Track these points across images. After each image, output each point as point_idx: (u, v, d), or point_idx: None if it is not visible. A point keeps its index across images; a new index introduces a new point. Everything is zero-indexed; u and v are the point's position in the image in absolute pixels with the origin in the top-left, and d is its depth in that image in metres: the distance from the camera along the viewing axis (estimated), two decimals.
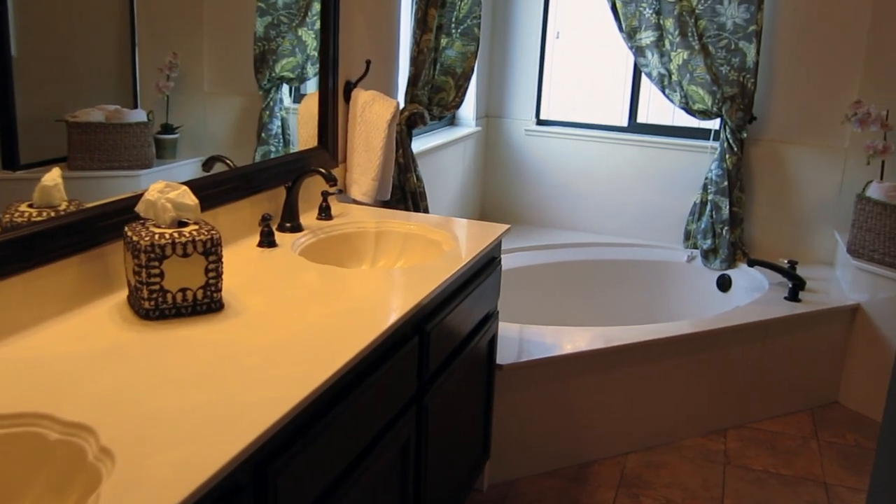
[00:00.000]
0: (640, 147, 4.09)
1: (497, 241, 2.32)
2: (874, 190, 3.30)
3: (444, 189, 3.87)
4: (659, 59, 3.82)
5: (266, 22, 2.33)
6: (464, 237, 2.29)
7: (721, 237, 3.83)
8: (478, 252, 2.14)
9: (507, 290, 3.74)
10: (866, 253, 3.31)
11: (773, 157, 3.86)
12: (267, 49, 2.34)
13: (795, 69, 3.76)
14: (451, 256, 2.09)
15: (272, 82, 2.37)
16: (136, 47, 1.80)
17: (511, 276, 3.80)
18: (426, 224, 2.37)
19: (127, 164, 1.82)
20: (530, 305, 3.90)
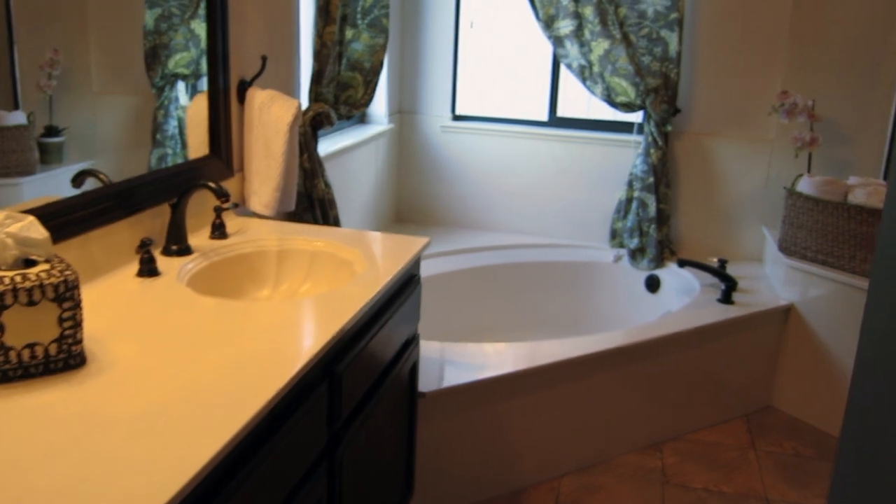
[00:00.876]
0: (561, 142, 3.91)
1: (416, 257, 2.07)
2: (805, 184, 3.18)
3: (356, 193, 3.60)
4: (578, 49, 3.64)
5: (156, 14, 2.05)
6: (379, 254, 2.04)
7: (648, 236, 3.68)
8: (395, 273, 1.89)
9: (425, 301, 3.51)
10: (798, 251, 3.20)
11: (699, 151, 3.73)
12: (158, 43, 2.05)
13: (719, 58, 3.63)
14: (364, 280, 1.84)
15: (166, 79, 2.09)
16: (13, 44, 1.59)
17: (429, 285, 3.57)
18: (336, 240, 2.11)
19: (6, 172, 1.61)
20: (451, 316, 3.68)
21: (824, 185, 3.08)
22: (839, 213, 3.02)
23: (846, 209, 3.00)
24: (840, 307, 3.05)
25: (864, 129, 3.49)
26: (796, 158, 3.42)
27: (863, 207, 2.95)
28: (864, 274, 2.98)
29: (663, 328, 2.93)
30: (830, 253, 3.08)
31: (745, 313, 3.09)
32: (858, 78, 3.46)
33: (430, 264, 3.64)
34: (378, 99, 3.86)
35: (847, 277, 3.00)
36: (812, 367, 3.19)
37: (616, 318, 3.80)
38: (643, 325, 3.00)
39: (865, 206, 2.94)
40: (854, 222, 2.98)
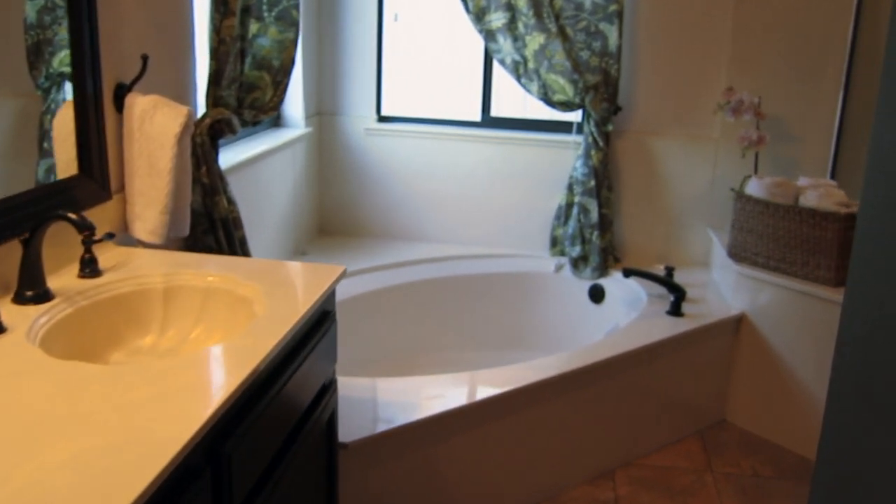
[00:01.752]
0: (496, 144, 3.62)
1: (329, 290, 1.76)
2: (753, 186, 2.95)
3: (270, 206, 3.26)
4: (512, 44, 3.35)
5: (38, 5, 1.72)
6: (284, 290, 1.71)
7: (590, 243, 3.42)
8: (302, 313, 1.58)
9: (352, 324, 3.21)
10: (749, 256, 2.97)
11: (642, 151, 3.49)
12: (42, 39, 1.73)
13: (661, 53, 3.38)
14: (264, 325, 1.52)
15: (51, 80, 1.76)
16: None
17: (356, 306, 3.25)
18: (234, 272, 1.77)
19: None
20: (381, 339, 3.37)
21: (774, 187, 2.86)
22: (790, 217, 2.80)
23: (798, 212, 2.78)
24: (793, 315, 2.83)
25: (811, 127, 3.29)
26: (743, 158, 3.19)
27: (815, 210, 2.73)
28: (817, 280, 2.77)
29: (611, 348, 2.66)
30: (782, 259, 2.85)
31: (696, 326, 2.85)
32: (804, 74, 3.25)
33: (357, 282, 3.32)
34: (293, 100, 3.52)
35: (800, 284, 2.79)
36: (765, 379, 2.97)
37: (560, 331, 3.54)
38: (589, 345, 2.73)
39: (818, 210, 2.72)
40: (807, 226, 2.76)
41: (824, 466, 1.37)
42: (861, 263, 1.27)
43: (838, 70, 3.21)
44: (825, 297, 2.70)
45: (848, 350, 1.33)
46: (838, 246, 2.69)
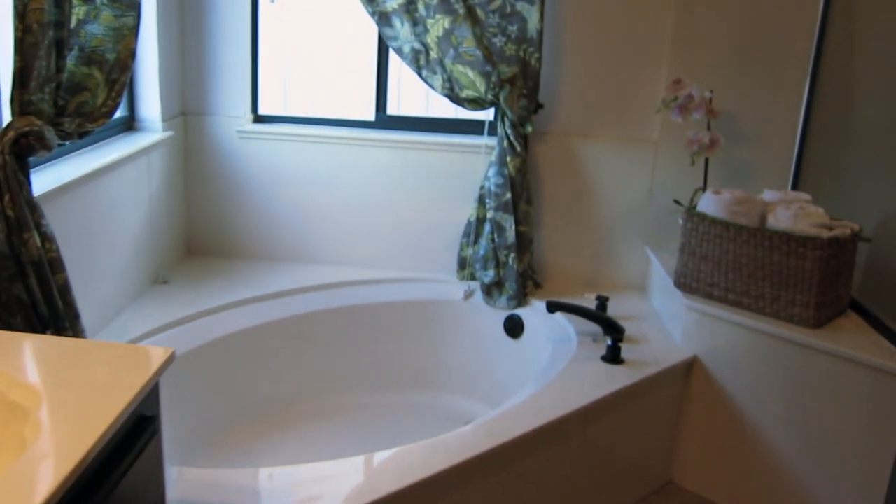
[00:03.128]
0: (393, 148, 2.91)
1: (149, 386, 1.04)
2: (709, 203, 2.33)
3: (120, 228, 2.47)
4: (411, 29, 2.65)
5: None
6: (79, 390, 1.00)
7: (506, 267, 2.76)
8: (98, 436, 0.88)
9: (217, 371, 2.47)
10: (702, 288, 2.35)
11: (567, 156, 2.84)
12: None
13: (590, 39, 2.73)
14: (34, 462, 0.81)
15: None
16: None
17: (225, 349, 2.51)
18: (12, 360, 1.03)
19: None
20: (254, 386, 2.63)
21: (735, 204, 2.24)
22: (757, 242, 2.19)
23: (768, 237, 2.17)
24: (758, 361, 2.23)
25: (770, 127, 2.70)
26: (693, 166, 2.58)
27: (790, 235, 2.12)
28: (791, 320, 2.17)
29: (539, 414, 1.99)
30: (746, 292, 2.25)
31: (640, 378, 2.21)
32: (762, 61, 2.65)
33: (229, 318, 2.58)
34: (148, 98, 2.75)
35: (769, 324, 2.18)
36: (720, 435, 2.37)
37: (471, 369, 2.87)
38: (513, 409, 2.05)
39: (794, 234, 2.12)
40: (779, 254, 2.16)
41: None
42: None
43: (804, 56, 2.63)
44: (801, 342, 2.10)
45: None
46: (819, 278, 2.09)
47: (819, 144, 2.63)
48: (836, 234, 2.09)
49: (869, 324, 2.21)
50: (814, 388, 2.11)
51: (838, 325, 2.19)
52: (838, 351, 2.03)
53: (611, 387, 2.14)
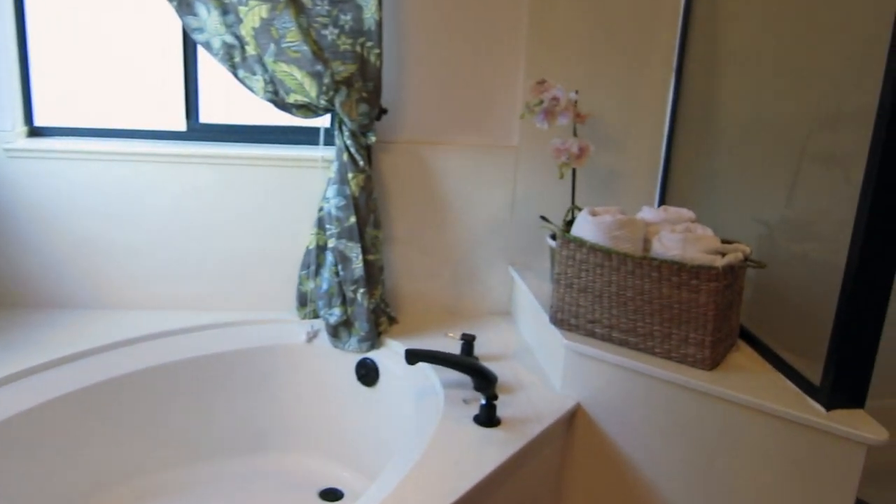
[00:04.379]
0: (210, 164, 2.40)
1: None
2: (585, 225, 1.97)
3: None
4: (220, 18, 2.15)
5: None
6: None
7: (355, 303, 2.32)
8: None
9: None
10: (582, 325, 2.00)
11: (418, 168, 2.42)
12: None
13: (440, 32, 2.32)
14: None
15: None
16: None
17: None
18: None
19: None
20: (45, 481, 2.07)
21: (616, 228, 1.89)
22: (644, 273, 1.86)
23: (656, 267, 1.83)
24: (649, 410, 1.90)
25: (635, 129, 2.39)
26: (562, 179, 2.22)
27: (680, 264, 1.80)
28: (685, 361, 1.85)
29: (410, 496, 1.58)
30: (632, 330, 1.91)
31: (522, 445, 1.83)
32: (623, 59, 2.33)
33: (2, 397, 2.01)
34: None
35: (660, 367, 1.86)
36: (609, 496, 2.04)
37: (320, 426, 2.42)
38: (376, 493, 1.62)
39: (684, 263, 1.79)
40: (668, 286, 1.83)
41: None
42: None
43: (668, 49, 2.33)
44: (698, 388, 1.79)
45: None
46: (715, 313, 1.78)
47: (686, 147, 2.35)
48: (730, 261, 1.78)
49: (759, 354, 1.94)
50: (714, 438, 1.80)
51: (734, 364, 1.89)
52: (740, 399, 1.73)
53: (490, 461, 1.75)
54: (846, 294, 1.58)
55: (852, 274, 1.56)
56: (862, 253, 1.53)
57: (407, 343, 2.31)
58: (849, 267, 1.57)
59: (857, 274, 1.55)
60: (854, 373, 1.65)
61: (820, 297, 1.88)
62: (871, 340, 1.61)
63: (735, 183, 2.20)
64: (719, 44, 2.29)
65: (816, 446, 1.64)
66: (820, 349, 1.75)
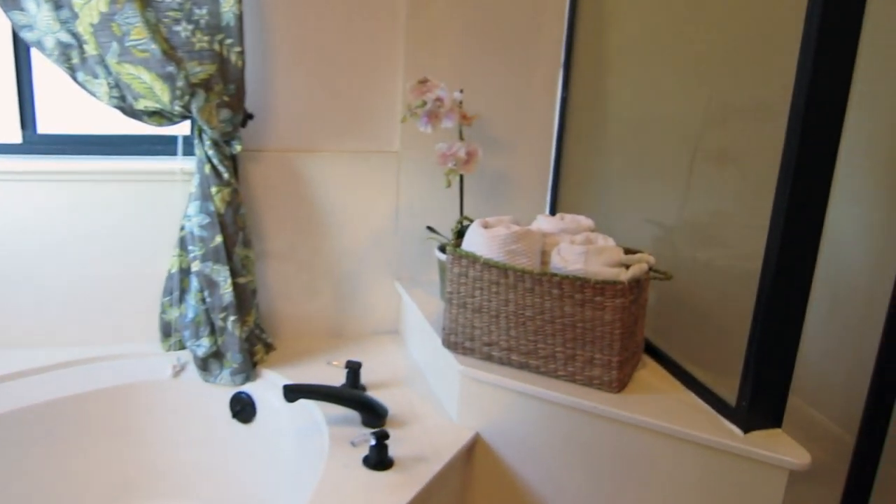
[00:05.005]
0: (53, 181, 2.08)
1: None
2: (476, 238, 1.79)
3: None
4: (52, 14, 1.85)
5: None
6: None
7: (225, 333, 2.06)
8: None
9: None
10: (478, 348, 1.82)
11: (291, 178, 2.18)
12: None
13: (306, 28, 2.09)
14: None
15: None
16: None
17: None
18: None
19: None
20: None
21: (513, 241, 1.71)
22: (544, 290, 1.69)
23: (556, 284, 1.67)
24: (555, 439, 1.74)
25: (523, 129, 2.23)
26: (449, 188, 2.03)
27: (583, 280, 1.64)
28: (591, 384, 1.70)
29: None
30: (533, 352, 1.74)
31: (419, 490, 1.63)
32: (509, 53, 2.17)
33: None
34: None
35: (564, 392, 1.70)
36: None
37: (193, 469, 2.15)
38: None
39: (587, 279, 1.64)
40: (571, 304, 1.67)
41: None
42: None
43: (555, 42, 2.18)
44: (603, 413, 1.64)
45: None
46: (622, 331, 1.63)
47: (577, 148, 2.21)
48: (635, 274, 1.63)
49: (667, 370, 1.81)
50: (625, 466, 1.65)
51: (643, 383, 1.75)
52: (652, 424, 1.59)
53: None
54: (762, 308, 1.45)
55: (767, 288, 1.44)
56: (778, 266, 1.41)
57: (287, 373, 2.07)
58: (763, 281, 1.45)
59: (773, 288, 1.43)
60: (772, 391, 1.53)
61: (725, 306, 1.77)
62: (789, 355, 1.50)
63: (629, 184, 2.08)
64: (607, 37, 2.16)
65: (735, 472, 1.52)
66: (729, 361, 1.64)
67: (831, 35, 1.28)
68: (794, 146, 1.35)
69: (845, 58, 1.32)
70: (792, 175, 1.37)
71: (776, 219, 1.40)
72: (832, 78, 1.31)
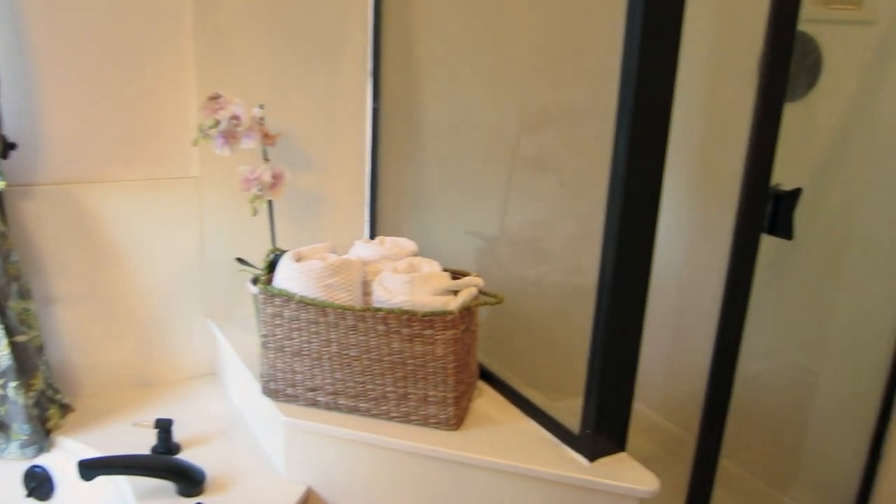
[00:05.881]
0: None
1: None
2: (290, 274, 1.59)
3: None
4: None
5: None
6: None
7: (7, 401, 1.75)
8: None
9: None
10: (301, 394, 1.62)
11: (75, 213, 1.88)
12: None
13: (79, 38, 1.80)
14: None
15: None
16: None
17: None
18: None
19: None
20: None
21: (330, 274, 1.53)
22: (368, 327, 1.52)
23: (381, 319, 1.50)
24: (393, 487, 1.59)
25: (334, 145, 2.05)
26: (255, 217, 1.82)
27: (410, 313, 1.48)
28: (426, 423, 1.55)
29: None
30: (361, 394, 1.57)
31: None
32: (312, 62, 1.98)
33: None
34: None
35: (398, 435, 1.54)
36: None
37: None
38: None
39: (414, 312, 1.48)
40: (398, 339, 1.51)
41: None
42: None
43: (361, 49, 2.01)
44: (442, 456, 1.50)
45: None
46: (455, 364, 1.50)
47: (393, 163, 2.06)
48: (465, 300, 1.50)
49: (505, 397, 1.70)
50: None
51: (481, 415, 1.63)
52: (495, 464, 1.46)
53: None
54: (601, 331, 1.36)
55: (605, 309, 1.34)
56: (614, 284, 1.32)
57: (88, 439, 1.79)
58: (600, 300, 1.35)
59: (611, 310, 1.33)
60: (616, 413, 1.45)
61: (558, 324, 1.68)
62: (630, 375, 1.42)
63: (451, 199, 1.95)
64: (416, 43, 2.02)
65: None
66: (568, 381, 1.54)
67: (655, 34, 1.18)
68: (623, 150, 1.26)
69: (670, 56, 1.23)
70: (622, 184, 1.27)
71: (608, 238, 1.30)
72: (659, 76, 1.22)
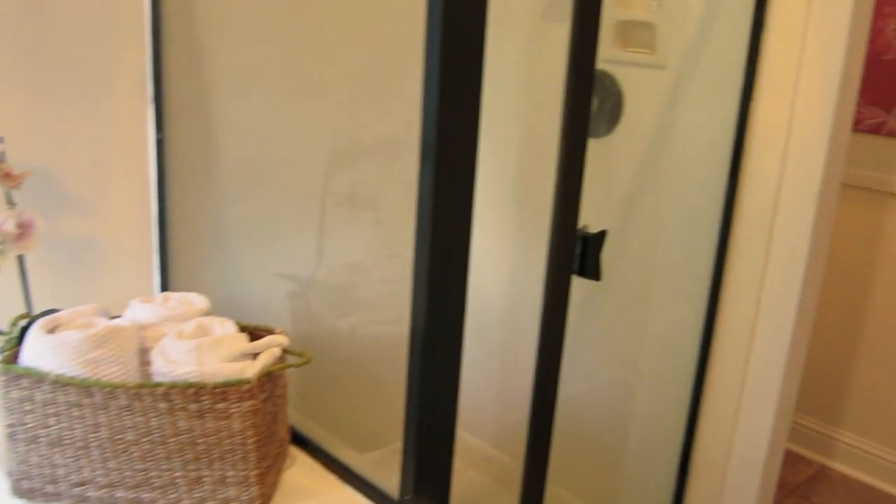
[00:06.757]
0: None
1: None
2: (42, 349, 1.28)
3: None
4: None
5: None
6: None
7: None
8: None
9: None
10: (66, 490, 1.32)
11: None
12: None
13: None
14: None
15: None
16: None
17: None
18: None
19: None
20: None
21: (94, 346, 1.25)
22: (147, 406, 1.26)
23: (162, 396, 1.25)
24: None
25: (111, 181, 1.77)
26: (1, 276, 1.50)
27: (199, 386, 1.24)
28: None
29: None
30: (144, 483, 1.30)
31: None
32: (75, 86, 1.69)
33: None
34: None
35: None
36: None
37: None
38: None
39: (204, 385, 1.25)
40: (185, 417, 1.26)
41: None
42: None
43: (139, 71, 1.74)
44: None
45: None
46: (257, 438, 1.27)
47: (186, 200, 1.81)
48: (265, 364, 1.29)
49: (318, 461, 1.51)
50: None
51: (293, 487, 1.42)
52: None
53: None
54: (415, 392, 1.19)
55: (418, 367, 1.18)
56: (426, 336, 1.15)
57: None
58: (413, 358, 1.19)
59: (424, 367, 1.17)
60: (437, 472, 1.29)
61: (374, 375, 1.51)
62: (450, 429, 1.26)
63: (256, 242, 1.73)
64: (208, 64, 1.78)
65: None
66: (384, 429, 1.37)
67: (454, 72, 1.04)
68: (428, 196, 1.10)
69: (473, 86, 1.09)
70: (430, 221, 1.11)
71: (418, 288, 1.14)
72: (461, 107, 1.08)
